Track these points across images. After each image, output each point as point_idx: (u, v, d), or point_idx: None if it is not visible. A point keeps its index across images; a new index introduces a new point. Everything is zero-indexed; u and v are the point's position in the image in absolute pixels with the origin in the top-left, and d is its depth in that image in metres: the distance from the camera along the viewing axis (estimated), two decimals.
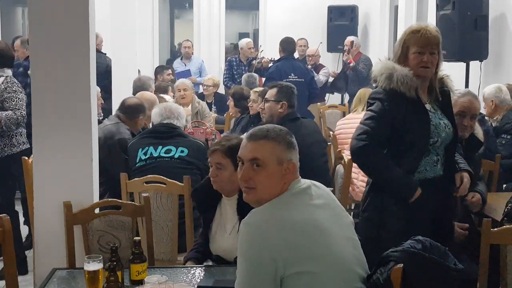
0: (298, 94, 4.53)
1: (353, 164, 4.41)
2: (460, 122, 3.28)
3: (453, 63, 5.46)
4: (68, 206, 2.86)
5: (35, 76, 3.08)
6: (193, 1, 10.90)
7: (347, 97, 8.66)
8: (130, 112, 4.42)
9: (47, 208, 3.04)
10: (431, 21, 6.29)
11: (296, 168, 2.12)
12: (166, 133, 3.90)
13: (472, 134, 3.46)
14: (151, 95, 5.03)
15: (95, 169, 3.14)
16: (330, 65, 9.59)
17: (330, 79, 8.59)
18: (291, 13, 10.23)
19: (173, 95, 6.60)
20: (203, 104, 6.60)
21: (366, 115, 2.91)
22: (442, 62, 2.96)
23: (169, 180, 3.45)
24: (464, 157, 3.19)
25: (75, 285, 2.52)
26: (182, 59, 9.26)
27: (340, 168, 4.47)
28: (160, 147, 3.79)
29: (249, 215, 2.01)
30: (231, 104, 6.35)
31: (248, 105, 5.60)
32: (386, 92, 2.85)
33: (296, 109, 4.46)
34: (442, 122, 2.91)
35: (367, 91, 5.55)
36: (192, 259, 2.91)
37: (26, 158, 3.71)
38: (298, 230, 1.95)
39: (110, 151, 4.06)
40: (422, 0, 7.39)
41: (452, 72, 3.19)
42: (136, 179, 3.54)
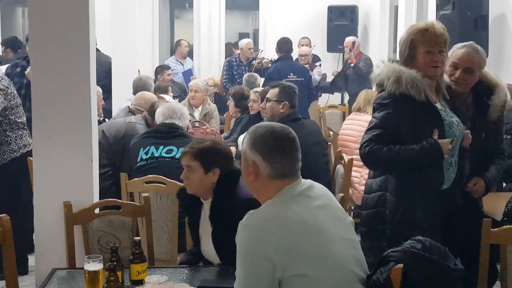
0: (298, 93, 4.53)
1: (354, 168, 4.41)
2: (452, 73, 3.04)
3: None
4: (68, 206, 2.86)
5: (35, 76, 3.08)
6: (193, 1, 10.90)
7: (347, 97, 8.66)
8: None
9: (47, 208, 3.04)
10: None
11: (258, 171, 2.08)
12: (168, 133, 3.88)
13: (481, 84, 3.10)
14: (152, 95, 5.02)
15: (95, 169, 3.14)
16: (330, 65, 9.59)
17: (329, 78, 8.58)
18: (291, 13, 10.22)
19: (172, 95, 6.60)
20: (213, 106, 6.59)
21: (371, 123, 2.84)
22: (448, 60, 2.91)
23: (169, 180, 3.45)
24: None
25: (75, 285, 2.52)
26: (178, 58, 9.24)
27: (340, 168, 4.47)
28: (162, 147, 3.79)
29: (246, 217, 2.00)
30: (231, 104, 6.35)
31: (248, 105, 5.60)
32: (392, 98, 2.76)
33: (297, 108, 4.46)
34: (454, 120, 2.83)
35: (374, 93, 5.57)
36: (183, 263, 2.92)
37: (31, 158, 3.67)
38: (295, 232, 1.95)
39: (125, 147, 4.08)
40: (422, 0, 7.39)
41: None
42: (136, 179, 3.54)
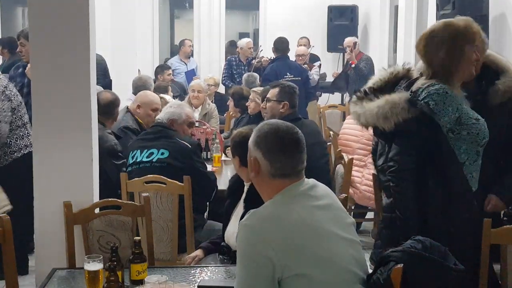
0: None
1: (355, 168, 4.41)
2: None
3: None
4: (68, 206, 2.86)
5: (35, 76, 3.08)
6: (193, 1, 10.90)
7: (347, 97, 8.66)
8: (106, 112, 4.13)
9: (47, 208, 3.05)
10: (431, 21, 6.30)
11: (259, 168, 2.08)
12: (153, 134, 3.90)
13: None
14: (154, 95, 4.99)
15: (95, 169, 3.15)
16: (330, 65, 9.60)
17: (329, 78, 8.58)
18: (291, 13, 10.23)
19: (172, 95, 6.60)
20: (212, 106, 6.59)
21: (393, 150, 2.72)
22: None
23: (169, 180, 3.45)
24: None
25: (75, 285, 2.52)
26: (181, 57, 9.25)
27: (340, 168, 4.47)
28: (146, 150, 3.78)
29: (247, 216, 2.01)
30: (231, 104, 6.35)
31: (248, 105, 5.59)
32: (416, 120, 2.62)
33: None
34: (481, 119, 2.72)
35: None
36: (202, 248, 3.10)
37: None
38: (296, 232, 1.95)
39: (100, 159, 3.96)
40: (422, 0, 7.39)
41: None
42: (136, 179, 3.55)
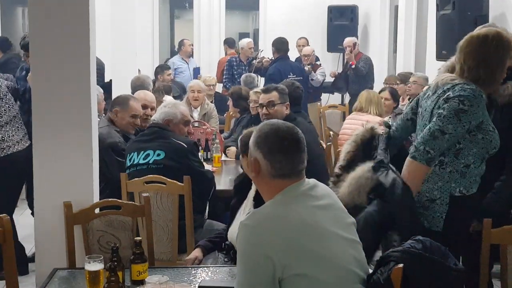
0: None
1: None
2: None
3: None
4: (68, 206, 2.86)
5: (35, 76, 3.08)
6: (193, 1, 10.91)
7: (347, 97, 8.66)
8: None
9: (48, 208, 3.04)
10: (431, 21, 6.30)
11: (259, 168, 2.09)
12: (149, 135, 3.89)
13: None
14: (152, 96, 5.00)
15: (95, 169, 3.15)
16: (330, 65, 9.60)
17: (328, 78, 8.59)
18: (291, 13, 10.23)
19: (172, 95, 6.60)
20: (211, 106, 6.59)
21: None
22: None
23: (169, 180, 3.45)
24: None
25: (75, 285, 2.52)
26: (182, 57, 9.26)
27: None
28: (142, 152, 3.78)
29: (247, 216, 2.01)
30: (231, 104, 6.35)
31: (250, 106, 5.59)
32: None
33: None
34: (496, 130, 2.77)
35: (375, 93, 5.61)
36: (200, 246, 3.06)
37: None
38: (296, 231, 1.95)
39: (103, 155, 3.94)
40: (422, 0, 7.39)
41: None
42: (136, 179, 3.55)
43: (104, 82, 6.46)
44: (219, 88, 8.40)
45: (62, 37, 3.01)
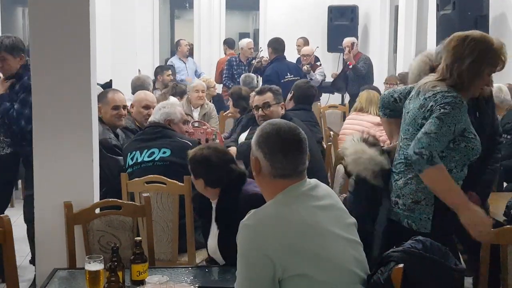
0: None
1: None
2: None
3: None
4: (69, 206, 2.86)
5: (35, 76, 3.08)
6: (193, 1, 10.92)
7: (347, 97, 8.67)
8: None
9: (48, 208, 3.04)
10: (431, 21, 6.30)
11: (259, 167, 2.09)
12: (152, 134, 3.88)
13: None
14: (152, 95, 5.00)
15: (96, 169, 3.15)
16: (330, 65, 9.60)
17: (328, 79, 8.60)
18: (291, 13, 10.24)
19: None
20: (211, 106, 6.59)
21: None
22: None
23: (169, 180, 3.45)
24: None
25: (76, 285, 2.52)
26: (180, 57, 9.27)
27: (340, 168, 4.46)
28: (146, 150, 3.77)
29: (247, 216, 2.01)
30: (231, 104, 6.35)
31: (252, 106, 5.59)
32: None
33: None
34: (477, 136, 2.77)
35: (375, 93, 5.61)
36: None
37: None
38: (296, 232, 1.95)
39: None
40: (422, 0, 7.39)
41: None
42: (136, 179, 3.54)
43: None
44: (218, 89, 8.41)
45: (62, 37, 3.01)
